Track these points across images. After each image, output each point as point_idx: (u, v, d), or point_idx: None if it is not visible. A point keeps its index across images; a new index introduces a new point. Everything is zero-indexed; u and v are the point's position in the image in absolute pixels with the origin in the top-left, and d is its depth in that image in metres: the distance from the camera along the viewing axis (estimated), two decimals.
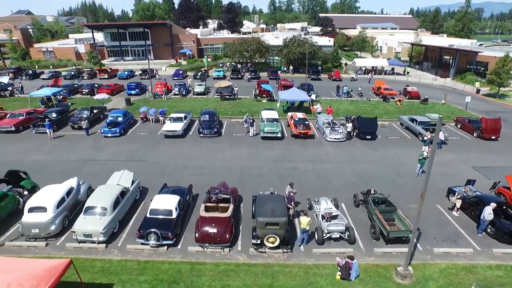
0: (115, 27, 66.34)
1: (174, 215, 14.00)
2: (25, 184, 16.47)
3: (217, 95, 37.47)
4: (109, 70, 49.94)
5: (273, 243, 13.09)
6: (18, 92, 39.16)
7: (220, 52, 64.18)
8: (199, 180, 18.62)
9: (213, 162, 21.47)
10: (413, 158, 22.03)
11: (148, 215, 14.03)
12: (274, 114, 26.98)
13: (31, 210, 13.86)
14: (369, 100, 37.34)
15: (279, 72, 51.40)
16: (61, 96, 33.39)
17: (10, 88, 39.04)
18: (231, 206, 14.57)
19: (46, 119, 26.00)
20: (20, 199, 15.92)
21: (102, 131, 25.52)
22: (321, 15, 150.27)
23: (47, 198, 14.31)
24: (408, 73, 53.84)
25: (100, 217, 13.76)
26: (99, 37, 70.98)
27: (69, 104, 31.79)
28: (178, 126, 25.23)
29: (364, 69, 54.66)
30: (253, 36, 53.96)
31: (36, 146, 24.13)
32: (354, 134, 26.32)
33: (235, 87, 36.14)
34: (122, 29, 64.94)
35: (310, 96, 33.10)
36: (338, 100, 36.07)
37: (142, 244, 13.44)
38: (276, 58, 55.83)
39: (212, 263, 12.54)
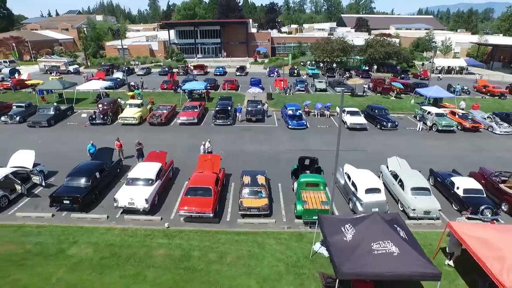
0: (191, 25, 67.71)
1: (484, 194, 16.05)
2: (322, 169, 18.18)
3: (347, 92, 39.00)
4: (204, 66, 51.41)
5: None
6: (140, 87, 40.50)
7: (292, 50, 65.91)
8: (430, 166, 20.18)
9: (422, 151, 23.45)
10: None
11: (463, 195, 15.93)
12: (437, 110, 28.83)
13: (367, 191, 15.41)
14: (485, 97, 39.39)
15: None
16: (205, 90, 34.88)
17: (133, 83, 40.40)
18: None
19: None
20: None
21: (290, 123, 27.14)
22: (343, 15, 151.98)
23: (376, 181, 16.11)
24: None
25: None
26: (162, 35, 72.36)
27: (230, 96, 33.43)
28: (362, 120, 27.00)
29: (440, 68, 56.70)
30: (339, 37, 55.88)
31: (234, 136, 25.68)
32: None
33: (365, 85, 37.98)
34: (196, 27, 66.37)
35: None
36: (455, 98, 37.97)
37: (468, 218, 15.26)
38: (358, 57, 57.82)
39: None
